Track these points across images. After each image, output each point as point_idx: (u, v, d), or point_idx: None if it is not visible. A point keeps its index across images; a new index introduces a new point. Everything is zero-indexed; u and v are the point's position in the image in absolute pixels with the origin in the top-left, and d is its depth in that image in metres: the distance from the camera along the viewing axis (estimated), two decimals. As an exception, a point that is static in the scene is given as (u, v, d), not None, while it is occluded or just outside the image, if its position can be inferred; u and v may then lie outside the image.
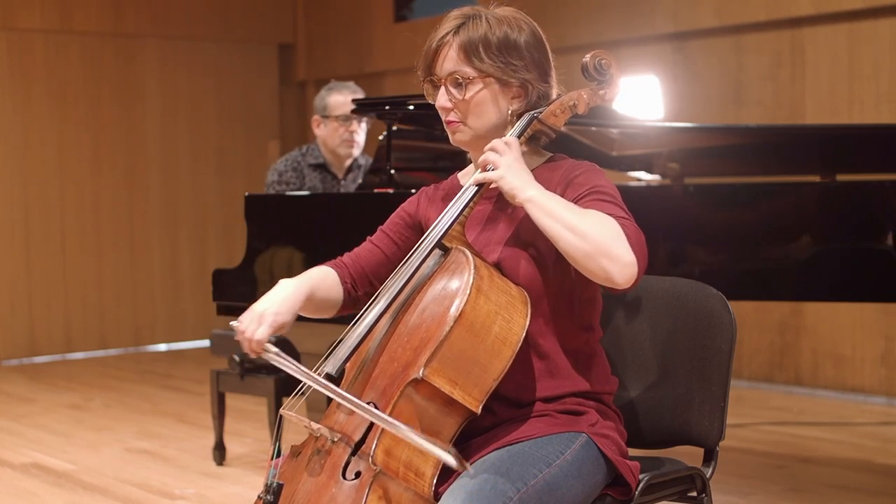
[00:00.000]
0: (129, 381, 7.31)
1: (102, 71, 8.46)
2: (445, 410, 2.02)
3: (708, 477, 2.37)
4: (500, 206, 2.21)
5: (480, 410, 2.03)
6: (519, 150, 2.12)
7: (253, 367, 4.71)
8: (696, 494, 2.38)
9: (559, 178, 2.16)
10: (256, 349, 2.12)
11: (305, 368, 2.06)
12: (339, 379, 2.10)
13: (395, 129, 4.31)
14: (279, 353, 2.10)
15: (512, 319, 2.03)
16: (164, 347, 8.76)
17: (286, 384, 4.56)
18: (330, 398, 2.07)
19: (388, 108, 4.17)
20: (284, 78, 9.44)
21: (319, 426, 2.10)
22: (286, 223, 4.25)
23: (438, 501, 1.97)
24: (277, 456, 2.18)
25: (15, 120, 8.11)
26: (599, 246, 1.98)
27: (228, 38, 9.01)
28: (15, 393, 6.91)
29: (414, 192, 2.42)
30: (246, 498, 4.35)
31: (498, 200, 2.22)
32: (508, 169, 2.06)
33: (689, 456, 2.43)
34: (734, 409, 5.51)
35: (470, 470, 1.84)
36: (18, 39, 8.12)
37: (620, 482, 2.18)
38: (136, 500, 4.39)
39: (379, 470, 1.97)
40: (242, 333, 2.13)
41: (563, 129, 2.31)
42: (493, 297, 2.03)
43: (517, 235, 2.16)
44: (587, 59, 2.19)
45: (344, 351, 2.11)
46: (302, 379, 2.06)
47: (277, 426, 2.20)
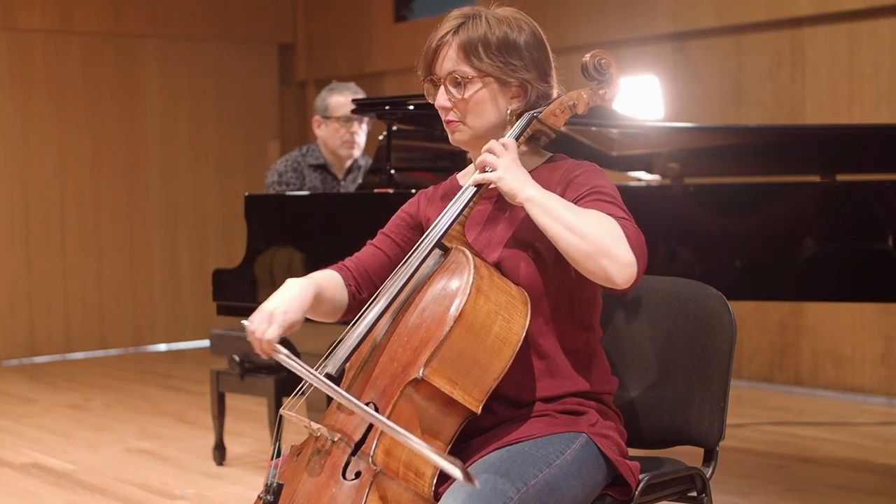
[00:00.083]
0: (129, 381, 7.30)
1: (102, 71, 8.46)
2: (445, 410, 2.02)
3: (708, 477, 2.37)
4: (499, 206, 2.21)
5: (480, 410, 2.03)
6: (516, 151, 2.12)
7: (253, 367, 4.71)
8: (696, 494, 2.38)
9: (559, 178, 2.16)
10: (267, 349, 2.08)
11: (316, 373, 2.03)
12: (338, 379, 2.10)
13: (395, 129, 4.31)
14: (289, 354, 2.06)
15: (512, 319, 2.03)
16: (164, 347, 8.76)
17: (286, 384, 4.56)
18: (330, 398, 2.06)
19: (388, 108, 4.17)
20: (284, 78, 9.44)
21: (319, 426, 2.10)
22: (286, 223, 4.25)
23: (438, 501, 1.97)
24: (277, 456, 2.18)
25: (15, 120, 8.11)
26: (599, 246, 1.98)
27: (228, 38, 9.01)
28: (15, 393, 6.91)
29: (414, 192, 2.42)
30: (246, 498, 4.35)
31: (498, 201, 2.22)
32: (507, 169, 2.06)
33: (689, 456, 2.43)
34: (734, 409, 5.51)
35: (478, 485, 1.82)
36: (18, 39, 8.12)
37: (620, 482, 2.18)
38: (136, 500, 4.39)
39: (379, 470, 1.97)
40: (253, 334, 2.09)
41: (562, 129, 2.31)
42: (493, 297, 2.03)
43: (517, 235, 2.16)
44: (587, 58, 2.19)
45: (344, 351, 2.11)
46: (314, 383, 2.03)
47: (277, 426, 2.20)
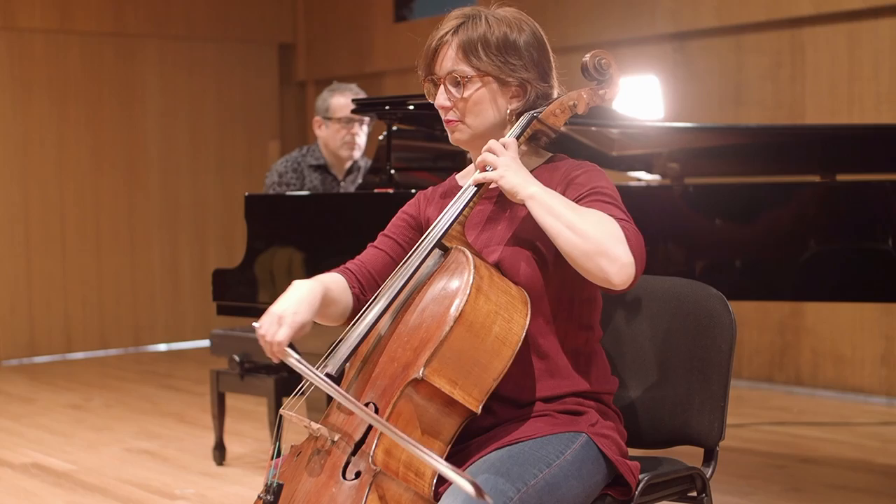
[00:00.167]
0: (129, 381, 7.30)
1: (102, 71, 8.46)
2: (445, 410, 2.02)
3: (708, 477, 2.37)
4: (499, 206, 2.21)
5: (480, 410, 2.03)
6: (516, 150, 2.12)
7: (253, 367, 4.70)
8: (696, 494, 2.38)
9: (559, 178, 2.16)
10: (278, 352, 2.06)
11: (329, 381, 2.01)
12: (338, 379, 2.09)
13: (395, 129, 4.32)
14: (300, 359, 2.04)
15: (512, 319, 2.03)
16: (164, 347, 8.75)
17: (286, 384, 4.55)
18: (330, 398, 2.06)
19: (388, 108, 4.17)
20: (284, 78, 9.43)
21: (319, 426, 2.10)
22: (286, 223, 4.25)
23: (438, 501, 1.97)
24: (277, 456, 2.18)
25: (15, 120, 8.10)
26: (599, 245, 1.98)
27: (228, 38, 9.01)
28: (15, 393, 6.91)
29: (414, 191, 2.42)
30: (246, 498, 4.35)
31: (498, 201, 2.22)
32: (507, 168, 2.07)
33: (689, 456, 2.43)
34: (734, 409, 5.52)
35: (489, 500, 1.81)
36: (18, 39, 8.11)
37: (620, 482, 2.18)
38: (136, 500, 4.39)
39: (379, 470, 1.96)
40: (263, 337, 2.07)
41: (563, 129, 2.31)
42: (493, 296, 2.03)
43: (517, 235, 2.16)
44: (587, 58, 2.19)
45: (344, 351, 2.11)
46: (326, 391, 2.00)
47: (277, 426, 2.19)
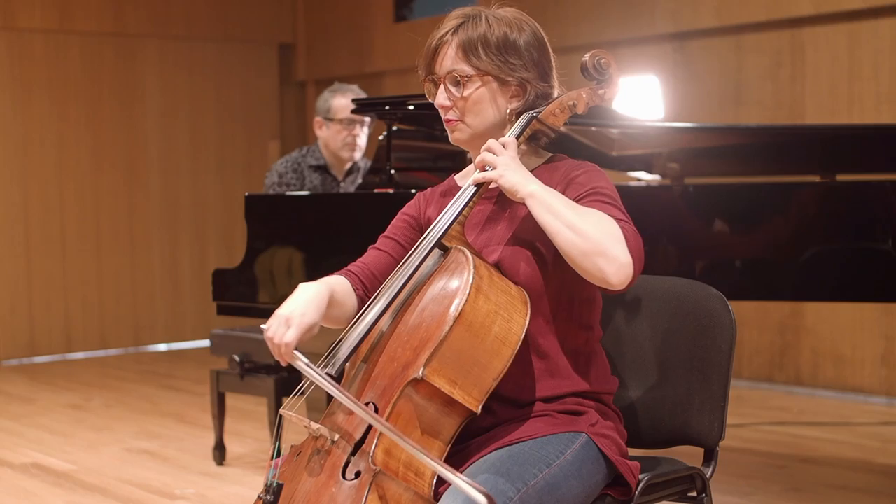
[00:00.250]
0: (129, 381, 7.30)
1: (102, 71, 8.46)
2: (445, 410, 2.02)
3: (708, 477, 2.37)
4: (499, 206, 2.21)
5: (480, 410, 2.03)
6: (516, 149, 2.12)
7: (253, 367, 4.70)
8: (696, 494, 2.38)
9: (559, 177, 2.16)
10: (286, 354, 2.06)
11: (339, 385, 2.00)
12: (339, 378, 2.09)
13: (395, 129, 4.31)
14: (309, 363, 2.04)
15: (512, 319, 2.03)
16: (164, 347, 8.75)
17: (286, 384, 4.55)
18: (330, 397, 2.06)
19: (388, 108, 4.17)
20: (284, 78, 9.43)
21: (319, 426, 2.10)
22: (286, 223, 4.25)
23: (438, 501, 1.97)
24: (277, 456, 2.17)
25: (15, 120, 8.11)
26: (597, 245, 1.98)
27: (228, 38, 9.01)
28: (15, 393, 6.91)
29: (414, 191, 2.41)
30: (246, 498, 4.35)
31: (497, 200, 2.22)
32: (506, 167, 2.07)
33: (689, 456, 2.43)
34: (734, 409, 5.52)
35: None
36: (18, 39, 8.11)
37: (620, 482, 2.18)
38: (136, 500, 4.39)
39: (378, 470, 1.96)
40: (271, 340, 2.07)
41: (562, 128, 2.31)
42: (492, 296, 2.03)
43: (517, 235, 2.16)
44: (586, 58, 2.19)
45: (344, 351, 2.11)
46: (336, 396, 2.00)
47: (277, 426, 2.19)
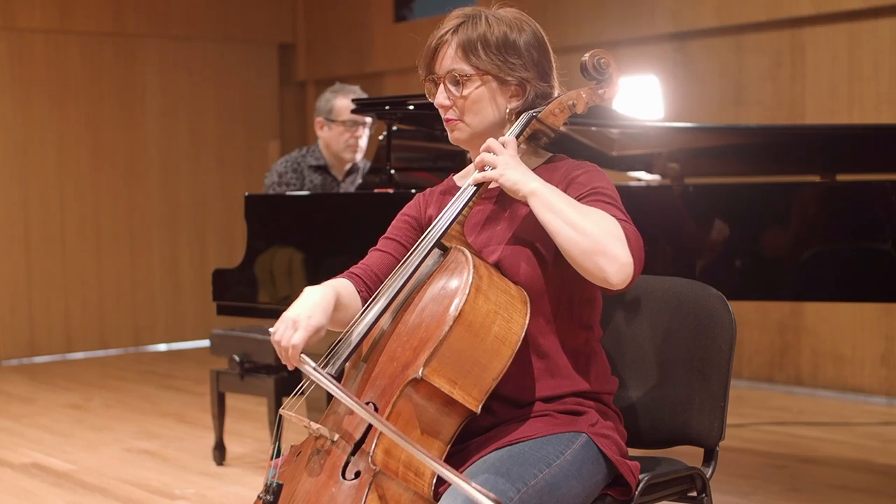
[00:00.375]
0: (129, 381, 7.30)
1: (102, 71, 8.46)
2: (445, 410, 2.02)
3: (708, 477, 2.37)
4: (499, 205, 2.21)
5: (480, 410, 2.03)
6: (515, 148, 2.12)
7: (253, 367, 4.70)
8: (696, 494, 2.38)
9: (559, 177, 2.16)
10: (293, 356, 2.05)
11: (346, 390, 2.00)
12: (339, 378, 2.09)
13: (395, 129, 4.31)
14: (316, 367, 2.04)
15: (511, 319, 2.03)
16: (164, 347, 8.75)
17: (286, 384, 4.55)
18: (330, 397, 2.06)
19: (388, 108, 4.17)
20: (284, 78, 9.43)
21: (319, 426, 2.10)
22: (286, 223, 4.25)
23: (438, 501, 1.97)
24: (277, 456, 2.17)
25: (15, 120, 8.10)
26: (598, 244, 1.98)
27: (228, 38, 9.01)
28: (15, 393, 6.91)
29: (414, 192, 2.41)
30: (246, 498, 4.35)
31: (497, 200, 2.22)
32: (506, 166, 2.07)
33: (689, 456, 2.43)
34: (734, 409, 5.52)
35: None
36: (18, 39, 8.11)
37: (620, 482, 2.18)
38: (136, 500, 4.39)
39: (378, 470, 1.96)
40: (278, 343, 2.06)
41: (562, 128, 2.31)
42: (492, 296, 2.03)
43: (517, 235, 2.16)
44: (586, 58, 2.19)
45: (344, 350, 2.11)
46: (343, 400, 2.00)
47: (277, 426, 2.19)
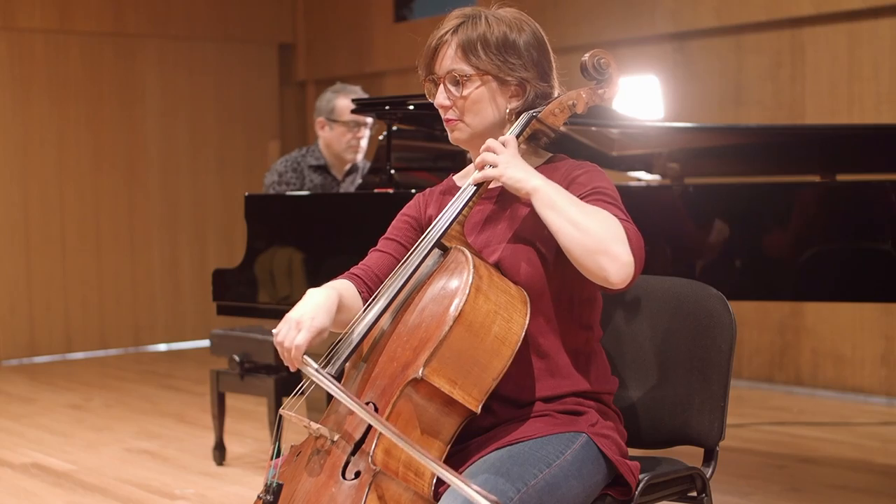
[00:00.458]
0: (129, 381, 7.30)
1: (102, 71, 8.46)
2: (445, 410, 2.02)
3: (708, 477, 2.37)
4: (499, 205, 2.21)
5: (480, 410, 2.03)
6: (516, 147, 2.12)
7: (253, 367, 4.70)
8: (696, 494, 2.38)
9: (560, 177, 2.16)
10: (296, 357, 2.04)
11: (348, 392, 2.00)
12: (339, 378, 2.09)
13: (395, 129, 4.32)
14: (319, 369, 2.03)
15: (511, 319, 2.03)
16: (164, 347, 8.75)
17: (286, 384, 4.55)
18: (330, 397, 2.06)
19: (388, 108, 4.17)
20: (284, 78, 9.43)
21: (319, 426, 2.10)
22: (286, 223, 4.25)
23: (438, 502, 1.97)
24: (277, 456, 2.17)
25: (15, 120, 8.10)
26: (600, 243, 1.98)
27: (228, 38, 9.01)
28: (15, 393, 6.90)
29: (414, 192, 2.41)
30: (246, 498, 4.35)
31: (497, 200, 2.22)
32: (507, 165, 2.07)
33: (689, 456, 2.43)
34: (734, 409, 5.51)
35: None
36: (18, 39, 8.11)
37: (620, 482, 2.18)
38: (136, 500, 4.39)
39: (378, 470, 1.96)
40: (281, 344, 2.05)
41: (562, 128, 2.31)
42: (492, 296, 2.03)
43: (517, 234, 2.16)
44: (586, 58, 2.19)
45: (344, 350, 2.11)
46: (345, 402, 2.00)
47: (277, 426, 2.19)
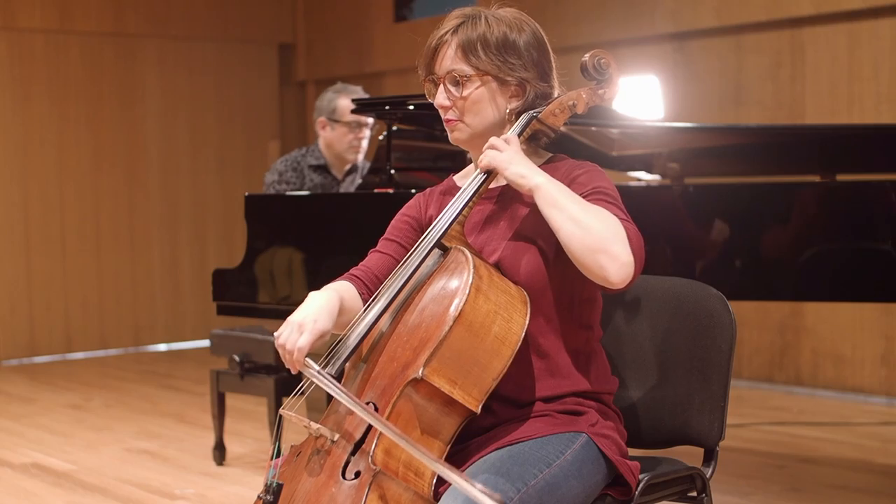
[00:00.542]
0: (129, 381, 7.30)
1: (102, 71, 8.46)
2: (445, 410, 2.02)
3: (708, 477, 2.37)
4: (499, 205, 2.21)
5: (480, 410, 2.03)
6: (518, 145, 2.12)
7: (253, 367, 4.70)
8: (696, 494, 2.38)
9: (560, 177, 2.16)
10: (298, 359, 2.04)
11: (351, 394, 2.00)
12: (338, 378, 2.09)
13: (395, 129, 4.32)
14: (320, 370, 2.03)
15: (511, 319, 2.03)
16: (164, 347, 8.75)
17: (286, 384, 4.55)
18: (330, 397, 2.06)
19: (388, 108, 4.17)
20: (284, 78, 9.43)
21: (319, 426, 2.10)
22: (286, 223, 4.25)
23: (438, 502, 1.97)
24: (277, 456, 2.17)
25: (15, 120, 8.10)
26: (601, 241, 1.98)
27: (228, 38, 9.01)
28: (15, 393, 6.91)
29: (414, 192, 2.41)
30: (246, 498, 4.35)
31: (497, 200, 2.22)
32: (511, 161, 2.07)
33: (689, 456, 2.43)
34: (734, 409, 5.51)
35: None
36: (18, 39, 8.11)
37: (620, 482, 2.18)
38: (136, 500, 4.39)
39: (378, 470, 1.96)
40: (283, 346, 2.05)
41: (562, 128, 2.31)
42: (492, 296, 2.03)
43: (517, 234, 2.16)
44: (586, 58, 2.19)
45: (344, 351, 2.11)
46: (348, 404, 1.99)
47: (277, 426, 2.19)
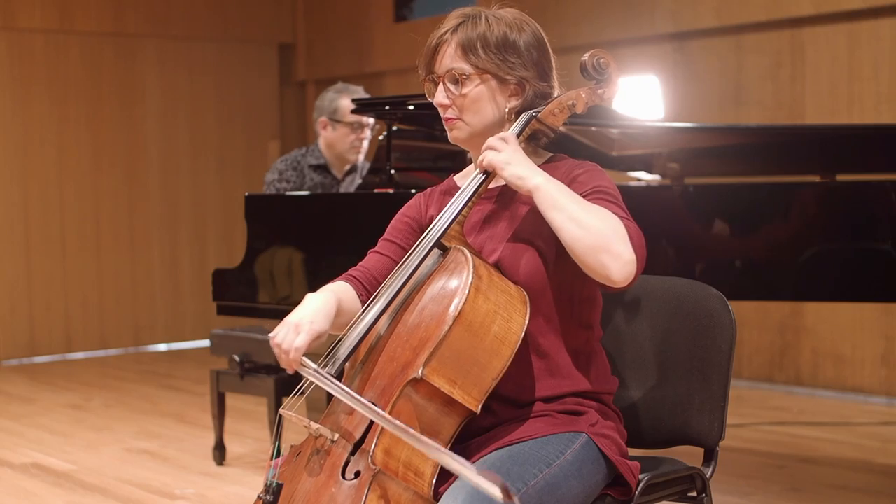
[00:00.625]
0: (129, 381, 7.30)
1: (102, 71, 8.46)
2: (445, 410, 2.02)
3: (708, 477, 2.37)
4: (499, 205, 2.21)
5: (480, 410, 2.03)
6: (517, 144, 2.12)
7: (253, 367, 4.70)
8: (696, 494, 2.38)
9: (560, 176, 2.16)
10: (295, 358, 2.04)
11: (350, 390, 2.00)
12: (338, 378, 2.09)
13: (395, 129, 4.32)
14: (318, 369, 2.03)
15: (511, 319, 2.03)
16: (164, 347, 8.75)
17: (286, 384, 4.55)
18: (330, 397, 2.06)
19: (388, 108, 4.17)
20: (284, 78, 9.43)
21: (319, 426, 2.10)
22: (286, 223, 4.25)
23: (438, 501, 1.97)
24: (277, 456, 2.18)
25: (15, 120, 8.10)
26: (602, 241, 1.98)
27: (228, 38, 9.01)
28: (15, 393, 6.91)
29: (414, 191, 2.41)
30: (246, 498, 4.35)
31: (497, 200, 2.22)
32: (509, 161, 2.07)
33: (689, 456, 2.43)
34: (734, 409, 5.51)
35: (517, 502, 1.77)
36: (18, 39, 8.11)
37: (620, 482, 2.18)
38: (136, 500, 4.39)
39: (378, 469, 1.96)
40: (279, 346, 2.05)
41: (562, 128, 2.31)
42: (491, 296, 2.03)
43: (517, 234, 2.16)
44: (586, 58, 2.19)
45: (343, 351, 2.11)
46: (348, 402, 2.00)
47: (277, 426, 2.19)
